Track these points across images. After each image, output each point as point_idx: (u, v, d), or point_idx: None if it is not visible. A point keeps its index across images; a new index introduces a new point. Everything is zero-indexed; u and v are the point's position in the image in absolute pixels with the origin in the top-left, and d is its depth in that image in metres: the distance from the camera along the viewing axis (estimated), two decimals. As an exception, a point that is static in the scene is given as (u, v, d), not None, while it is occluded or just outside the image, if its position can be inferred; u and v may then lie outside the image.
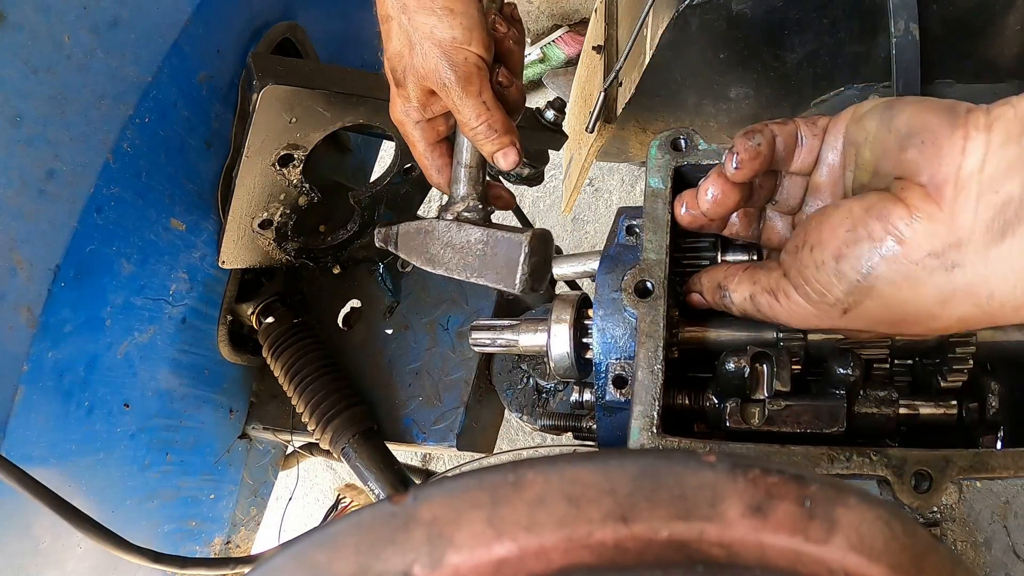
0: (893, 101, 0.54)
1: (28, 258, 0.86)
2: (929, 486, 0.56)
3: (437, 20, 0.73)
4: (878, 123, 0.53)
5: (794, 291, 0.57)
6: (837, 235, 0.53)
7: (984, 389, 0.65)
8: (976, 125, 0.48)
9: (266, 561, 0.34)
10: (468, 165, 0.82)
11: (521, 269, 0.77)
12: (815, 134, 0.59)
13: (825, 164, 0.60)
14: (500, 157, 0.79)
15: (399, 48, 0.76)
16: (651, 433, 0.59)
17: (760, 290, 0.60)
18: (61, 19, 0.84)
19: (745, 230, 0.67)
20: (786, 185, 0.64)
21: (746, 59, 1.21)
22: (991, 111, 0.48)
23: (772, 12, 1.10)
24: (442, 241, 0.83)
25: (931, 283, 0.50)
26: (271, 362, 1.19)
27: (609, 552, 0.30)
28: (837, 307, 0.54)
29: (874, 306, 0.53)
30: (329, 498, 2.57)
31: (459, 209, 0.82)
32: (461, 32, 0.73)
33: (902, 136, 0.51)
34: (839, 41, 1.11)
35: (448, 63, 0.74)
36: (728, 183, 0.60)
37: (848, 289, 0.53)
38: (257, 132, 0.96)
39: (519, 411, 1.08)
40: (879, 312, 0.53)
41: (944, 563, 0.36)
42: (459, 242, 0.81)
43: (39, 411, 0.92)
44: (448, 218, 0.82)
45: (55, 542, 0.97)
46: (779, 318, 0.60)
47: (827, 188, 0.61)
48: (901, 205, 0.50)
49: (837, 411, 0.61)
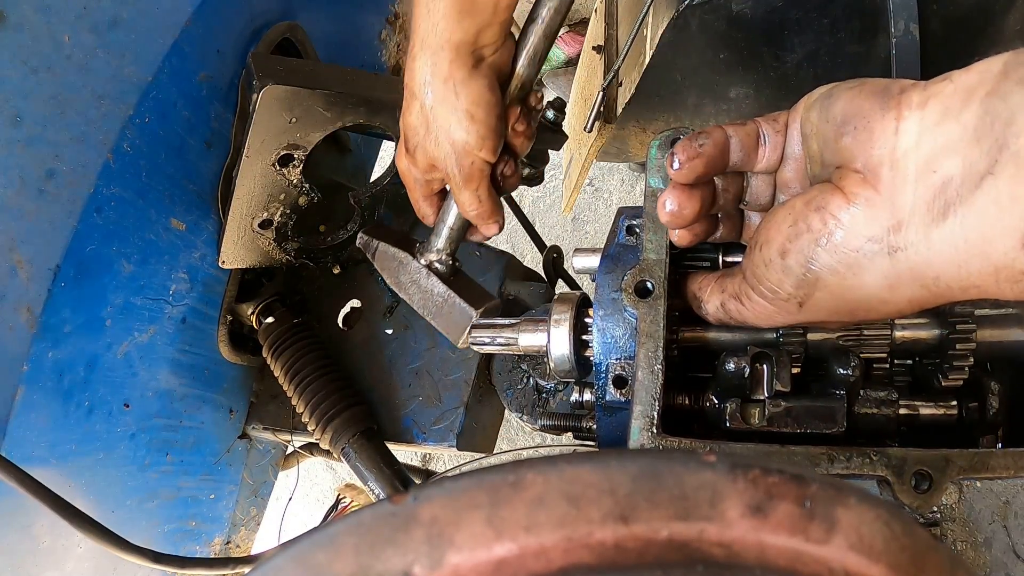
0: (832, 88, 0.53)
1: (28, 258, 0.86)
2: (929, 486, 0.56)
3: (456, 122, 0.76)
4: (818, 113, 0.53)
5: (752, 292, 0.57)
6: (781, 231, 0.54)
7: (984, 389, 0.65)
8: (909, 104, 0.47)
9: (266, 561, 0.34)
10: (451, 227, 0.91)
11: (465, 335, 0.88)
12: (777, 131, 0.59)
13: (790, 159, 0.59)
14: (481, 231, 0.89)
15: (416, 124, 0.79)
16: (651, 433, 0.59)
17: (728, 297, 0.61)
18: (61, 19, 0.84)
19: (730, 233, 0.67)
20: (754, 185, 0.63)
21: (746, 59, 1.21)
22: (928, 87, 0.47)
23: (772, 12, 1.10)
24: (411, 277, 0.93)
25: (874, 269, 0.49)
26: (271, 362, 1.19)
27: (609, 552, 0.30)
28: (791, 302, 0.55)
29: (824, 296, 0.53)
30: (329, 498, 2.57)
31: (432, 259, 0.92)
32: (475, 139, 0.76)
33: (838, 123, 0.51)
34: (839, 41, 1.11)
35: (456, 160, 0.79)
36: (683, 191, 0.59)
37: (796, 283, 0.53)
38: (257, 132, 0.96)
39: (519, 411, 1.08)
40: (831, 303, 0.53)
41: (944, 563, 0.36)
42: (424, 287, 0.92)
43: (39, 411, 0.92)
44: (421, 263, 0.92)
45: (55, 542, 0.97)
46: (748, 321, 0.60)
47: (795, 183, 0.60)
48: (839, 194, 0.50)
49: (837, 411, 0.61)
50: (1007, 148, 0.42)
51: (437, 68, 0.74)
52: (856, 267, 0.50)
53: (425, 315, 0.92)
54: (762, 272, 0.56)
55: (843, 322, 0.59)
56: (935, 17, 1.02)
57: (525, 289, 1.19)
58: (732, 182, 0.63)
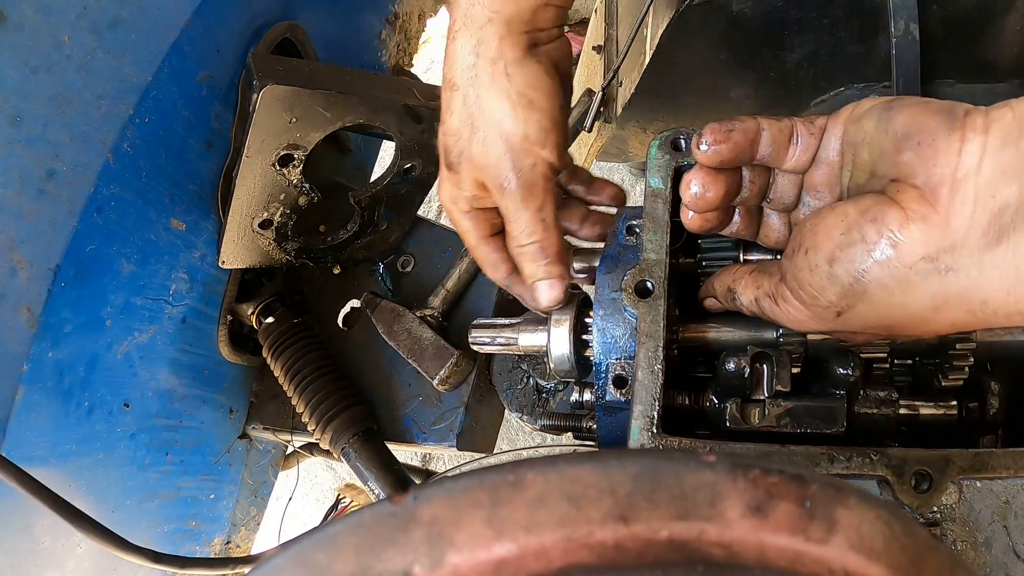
0: (892, 101, 0.53)
1: (28, 258, 0.86)
2: (929, 486, 0.56)
3: (509, 109, 0.62)
4: (876, 124, 0.53)
5: (791, 295, 0.56)
6: (831, 238, 0.52)
7: (984, 389, 0.65)
8: (973, 127, 0.47)
9: (266, 561, 0.34)
10: (447, 288, 1.13)
11: (444, 370, 1.07)
12: (812, 133, 0.58)
13: (823, 163, 0.59)
14: (541, 287, 0.69)
15: (458, 126, 0.65)
16: (651, 433, 0.59)
17: (763, 294, 0.60)
18: (61, 19, 0.84)
19: (746, 229, 0.67)
20: (780, 183, 0.63)
21: (746, 59, 1.21)
22: (989, 113, 0.47)
23: (772, 12, 1.10)
24: (404, 326, 1.12)
25: (924, 288, 0.49)
26: (271, 362, 1.19)
27: (609, 552, 0.30)
28: (831, 310, 0.54)
29: (867, 310, 0.53)
30: (329, 498, 2.57)
31: (426, 313, 1.13)
32: (536, 131, 0.62)
33: (899, 138, 0.50)
34: (839, 41, 1.11)
35: (512, 163, 0.63)
36: (710, 174, 0.59)
37: (841, 292, 0.52)
38: (257, 132, 0.96)
39: (519, 411, 1.08)
40: (872, 316, 0.53)
41: (944, 563, 0.36)
42: (415, 333, 1.11)
43: (39, 411, 0.92)
44: (417, 315, 1.12)
45: (55, 542, 0.97)
46: (779, 320, 0.60)
47: (824, 187, 0.60)
48: (896, 207, 0.49)
49: (837, 411, 0.61)
50: None
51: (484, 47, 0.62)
52: (907, 284, 0.49)
53: (409, 357, 1.10)
54: (805, 277, 0.54)
55: (875, 336, 0.58)
56: (935, 17, 1.02)
57: (525, 289, 1.19)
58: (759, 176, 0.62)
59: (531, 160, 0.63)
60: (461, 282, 1.16)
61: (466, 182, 0.67)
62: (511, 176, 0.63)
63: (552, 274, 0.68)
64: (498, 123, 0.63)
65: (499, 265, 0.73)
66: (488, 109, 0.63)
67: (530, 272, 0.69)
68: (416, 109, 1.07)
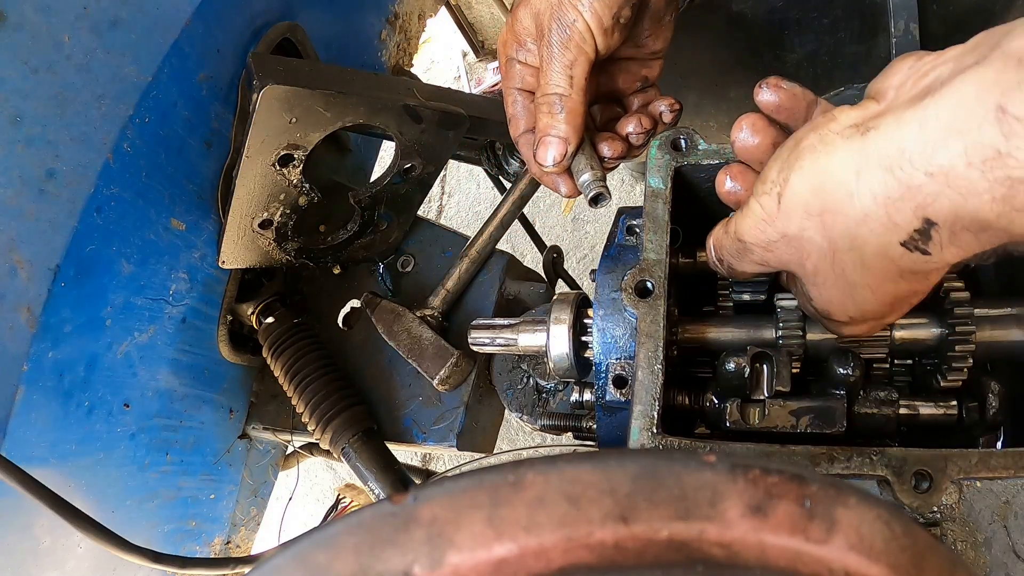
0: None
1: (28, 258, 0.86)
2: (929, 486, 0.56)
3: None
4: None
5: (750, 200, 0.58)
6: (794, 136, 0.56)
7: (984, 389, 0.65)
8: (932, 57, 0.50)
9: (266, 561, 0.34)
10: (447, 288, 1.13)
11: (444, 370, 1.07)
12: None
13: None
14: (548, 143, 0.72)
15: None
16: (651, 433, 0.59)
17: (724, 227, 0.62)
18: (61, 19, 0.84)
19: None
20: None
21: (746, 59, 1.21)
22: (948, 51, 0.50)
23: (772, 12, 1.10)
24: (404, 326, 1.11)
25: (846, 148, 0.51)
26: (271, 362, 1.19)
27: (609, 552, 0.30)
28: (772, 194, 0.55)
29: (798, 182, 0.53)
30: (329, 498, 2.57)
31: (427, 313, 1.13)
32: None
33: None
34: (839, 41, 1.11)
35: (557, 13, 0.68)
36: (760, 120, 0.61)
37: (780, 167, 0.55)
38: (257, 132, 0.96)
39: (519, 411, 1.08)
40: (804, 193, 0.53)
41: (944, 563, 0.36)
42: (415, 333, 1.11)
43: (39, 411, 0.92)
44: (417, 315, 1.12)
45: (55, 542, 0.97)
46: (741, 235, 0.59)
47: None
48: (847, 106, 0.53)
49: (837, 411, 0.61)
50: (999, 47, 0.44)
51: None
52: (831, 146, 0.51)
53: (409, 357, 1.09)
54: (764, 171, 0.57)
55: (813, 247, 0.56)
56: (935, 17, 1.02)
57: (525, 289, 1.19)
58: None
59: (572, 16, 0.68)
60: (461, 282, 1.16)
61: (520, 26, 0.72)
62: (552, 25, 0.68)
63: (561, 133, 0.72)
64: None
65: (518, 117, 0.78)
66: None
67: (543, 124, 0.73)
68: (416, 109, 1.07)
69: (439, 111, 1.08)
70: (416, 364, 1.09)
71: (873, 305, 0.55)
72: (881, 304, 0.55)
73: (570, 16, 0.67)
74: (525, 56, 0.75)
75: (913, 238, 0.49)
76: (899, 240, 0.49)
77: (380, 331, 1.13)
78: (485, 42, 3.77)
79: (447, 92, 1.16)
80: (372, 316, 1.15)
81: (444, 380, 1.08)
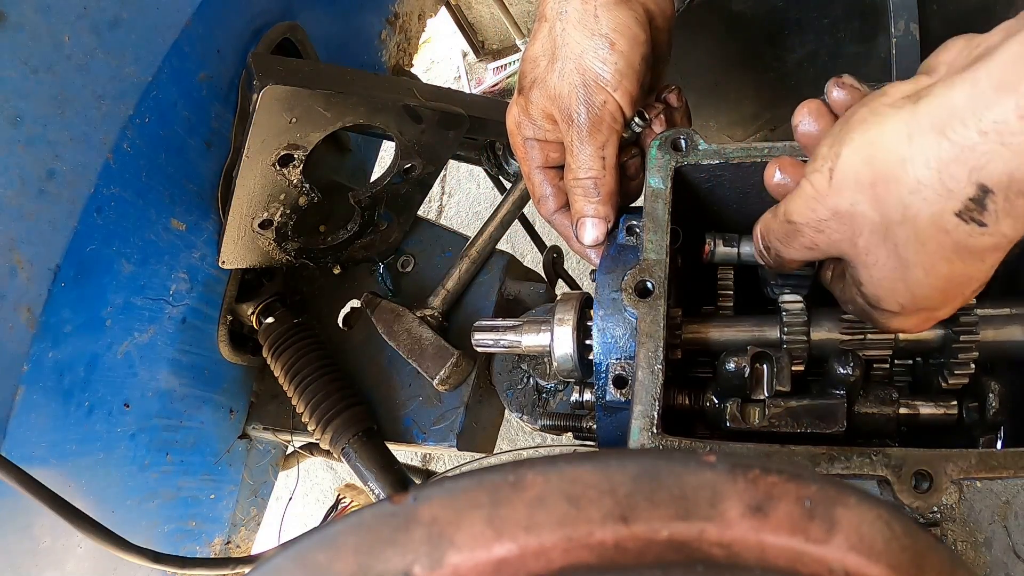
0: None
1: (28, 258, 0.86)
2: (929, 486, 0.56)
3: (592, 48, 0.65)
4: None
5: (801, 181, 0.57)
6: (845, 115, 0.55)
7: (984, 389, 0.65)
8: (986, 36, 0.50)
9: (266, 561, 0.34)
10: (447, 288, 1.13)
11: (444, 370, 1.06)
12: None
13: None
14: (587, 224, 0.72)
15: (538, 54, 0.69)
16: (651, 433, 0.59)
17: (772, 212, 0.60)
18: (61, 19, 0.84)
19: None
20: None
21: (746, 59, 1.21)
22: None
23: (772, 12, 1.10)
24: (404, 326, 1.11)
25: (897, 116, 0.50)
26: (271, 362, 1.19)
27: (609, 552, 0.30)
28: (824, 171, 0.54)
29: (849, 155, 0.52)
30: (329, 498, 2.57)
31: (427, 313, 1.12)
32: (612, 73, 0.66)
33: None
34: (839, 41, 1.11)
35: (583, 96, 0.66)
36: (822, 108, 0.60)
37: (831, 142, 0.54)
38: (257, 132, 0.96)
39: (519, 411, 1.08)
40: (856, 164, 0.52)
41: (944, 563, 0.35)
42: (415, 333, 1.10)
43: (39, 411, 0.92)
44: (417, 315, 1.12)
45: (55, 542, 0.97)
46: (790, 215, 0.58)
47: None
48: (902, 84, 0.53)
49: (837, 411, 0.61)
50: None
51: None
52: (881, 116, 0.51)
53: (409, 357, 1.09)
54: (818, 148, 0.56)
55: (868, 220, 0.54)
56: (935, 17, 1.02)
57: (525, 289, 1.19)
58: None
59: (602, 97, 0.67)
60: (461, 282, 1.16)
61: (535, 109, 0.71)
62: (581, 109, 0.66)
63: (600, 213, 0.72)
64: (578, 57, 0.66)
65: (548, 198, 0.76)
66: (571, 43, 0.66)
67: (580, 207, 0.72)
68: (416, 109, 1.07)
69: (439, 111, 1.08)
70: (416, 364, 1.09)
71: (926, 290, 0.53)
72: (934, 289, 0.53)
73: (599, 98, 0.66)
74: (544, 135, 0.73)
75: (968, 207, 0.47)
76: (954, 210, 0.48)
77: (380, 331, 1.13)
78: (485, 42, 3.77)
79: (447, 92, 1.16)
80: (372, 316, 1.15)
81: (444, 380, 1.08)
